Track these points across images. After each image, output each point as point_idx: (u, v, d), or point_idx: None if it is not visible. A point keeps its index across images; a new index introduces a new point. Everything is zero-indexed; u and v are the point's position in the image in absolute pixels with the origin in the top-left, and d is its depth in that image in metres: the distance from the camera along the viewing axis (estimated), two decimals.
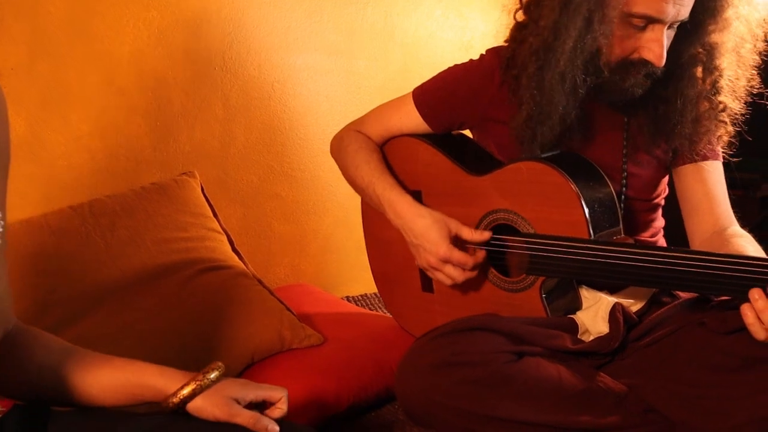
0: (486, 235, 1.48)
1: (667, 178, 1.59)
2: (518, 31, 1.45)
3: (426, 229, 1.48)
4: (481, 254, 1.49)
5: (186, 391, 1.00)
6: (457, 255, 1.46)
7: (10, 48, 1.69)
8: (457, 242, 1.48)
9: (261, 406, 1.04)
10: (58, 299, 1.59)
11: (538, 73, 1.38)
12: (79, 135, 1.81)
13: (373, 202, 1.61)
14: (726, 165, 1.53)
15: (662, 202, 1.60)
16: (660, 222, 1.60)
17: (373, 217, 1.71)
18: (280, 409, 1.04)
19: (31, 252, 1.64)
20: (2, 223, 0.92)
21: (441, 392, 1.27)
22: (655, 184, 1.56)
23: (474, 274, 1.49)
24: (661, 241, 1.61)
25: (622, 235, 1.41)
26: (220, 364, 1.05)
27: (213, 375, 1.03)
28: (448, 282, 1.50)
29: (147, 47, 1.89)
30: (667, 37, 1.33)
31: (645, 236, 1.55)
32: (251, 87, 2.07)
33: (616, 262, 1.30)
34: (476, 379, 1.26)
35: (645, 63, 1.35)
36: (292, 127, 2.17)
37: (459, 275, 1.48)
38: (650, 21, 1.31)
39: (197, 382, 1.01)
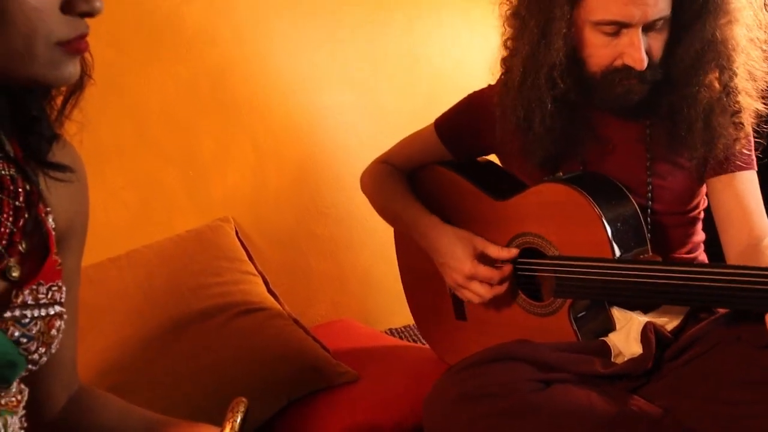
0: (513, 252, 1.47)
1: (704, 189, 1.53)
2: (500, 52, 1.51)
3: (451, 247, 1.50)
4: (507, 268, 1.48)
5: None
6: (483, 270, 1.46)
7: None
8: (484, 260, 1.48)
9: None
10: (100, 350, 1.64)
11: (505, 85, 1.44)
12: (114, 189, 1.88)
13: (403, 229, 1.64)
14: (762, 170, 1.48)
15: (700, 215, 1.54)
16: (699, 236, 1.55)
17: (406, 248, 1.72)
18: None
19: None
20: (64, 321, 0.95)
21: (467, 426, 1.25)
22: (688, 196, 1.50)
23: (502, 289, 1.48)
24: (702, 257, 1.55)
25: (650, 253, 1.38)
26: (243, 399, 1.05)
27: (239, 416, 1.03)
28: (476, 300, 1.49)
29: (176, 99, 1.95)
30: (653, 38, 1.31)
31: (681, 252, 1.50)
32: (280, 129, 2.11)
33: (640, 280, 1.28)
34: (502, 411, 1.24)
35: (629, 69, 1.32)
36: (324, 165, 2.20)
37: (486, 291, 1.47)
38: (620, 26, 1.30)
39: (230, 423, 1.01)
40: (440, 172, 1.64)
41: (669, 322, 1.41)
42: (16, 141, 0.87)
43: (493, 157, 1.68)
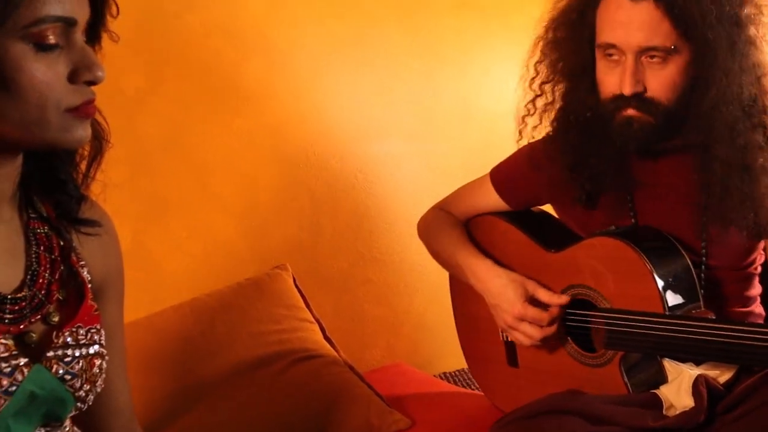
0: (563, 298, 1.49)
1: (761, 245, 1.50)
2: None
3: (503, 288, 1.52)
4: (555, 310, 1.49)
5: None
6: (532, 311, 1.48)
7: (115, 167, 1.84)
8: (535, 303, 1.50)
9: None
10: (163, 396, 1.71)
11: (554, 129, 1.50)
12: (178, 241, 1.96)
13: (457, 273, 1.66)
14: None
15: (757, 270, 1.51)
16: (755, 290, 1.52)
17: (460, 293, 1.75)
18: None
19: (139, 353, 1.76)
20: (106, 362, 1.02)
21: None
22: (744, 252, 1.47)
23: (551, 330, 1.50)
24: (758, 309, 1.53)
25: (702, 309, 1.38)
26: None
27: None
28: (527, 341, 1.51)
29: (236, 153, 2.04)
30: (650, 70, 1.32)
31: (736, 307, 1.48)
32: (335, 179, 2.18)
33: (691, 336, 1.28)
34: None
35: (625, 96, 1.34)
36: (378, 213, 2.25)
37: (536, 332, 1.49)
38: (615, 49, 1.33)
39: None
40: (494, 222, 1.67)
41: (721, 375, 1.40)
42: (47, 202, 0.97)
43: (548, 207, 1.71)
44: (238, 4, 2.02)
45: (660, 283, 1.35)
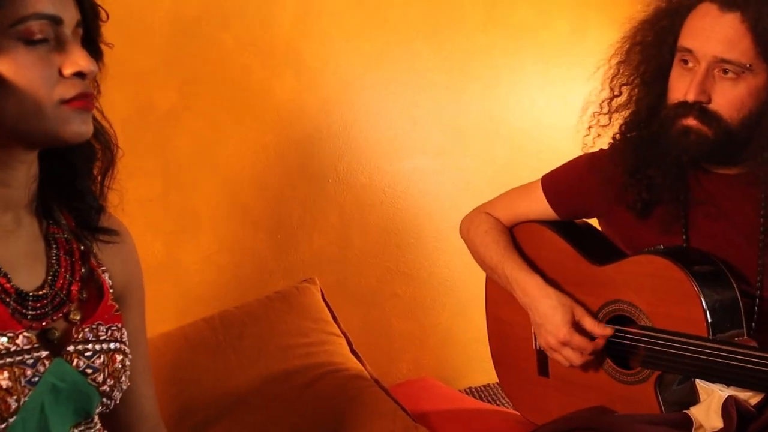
0: (608, 331, 1.48)
1: None
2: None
3: (551, 311, 1.52)
4: (601, 342, 1.50)
5: None
6: (577, 339, 1.48)
7: (148, 182, 1.91)
8: (579, 327, 1.51)
9: None
10: (193, 407, 1.74)
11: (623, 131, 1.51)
12: (209, 253, 2.00)
13: (501, 281, 1.66)
14: None
15: None
16: None
17: (496, 297, 1.75)
18: None
19: (169, 363, 1.80)
20: (129, 359, 1.05)
21: None
22: None
23: (591, 359, 1.50)
24: None
25: (745, 337, 1.37)
26: None
27: None
28: (566, 364, 1.52)
29: (266, 168, 2.07)
30: (722, 85, 1.33)
31: None
32: (364, 194, 2.21)
33: (733, 363, 1.28)
34: None
35: (688, 104, 1.35)
36: (405, 228, 2.27)
37: (576, 359, 1.50)
38: (690, 54, 1.34)
39: None
40: (540, 230, 1.67)
41: (752, 397, 1.39)
42: (66, 212, 1.03)
43: (594, 222, 1.70)
44: (270, 23, 2.06)
45: (706, 307, 1.34)
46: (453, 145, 2.35)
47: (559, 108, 2.50)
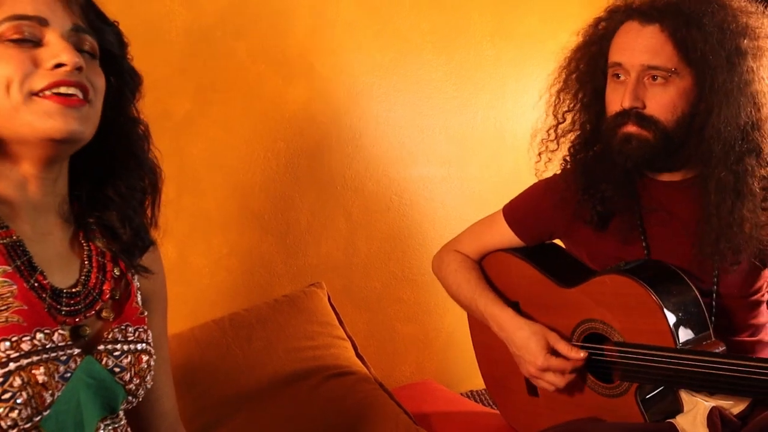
0: (582, 354, 1.54)
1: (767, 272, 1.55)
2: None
3: (525, 341, 1.58)
4: (578, 362, 1.54)
5: None
6: (555, 362, 1.54)
7: (163, 186, 1.97)
8: (555, 352, 1.56)
9: None
10: (203, 406, 1.80)
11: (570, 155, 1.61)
12: (219, 257, 2.06)
13: (477, 316, 1.73)
14: None
15: (764, 298, 1.57)
16: (763, 318, 1.58)
17: (479, 326, 1.81)
18: None
19: (181, 363, 1.86)
20: (153, 360, 1.12)
21: None
22: (752, 280, 1.53)
23: (574, 376, 1.55)
24: (766, 338, 1.58)
25: (713, 340, 1.43)
26: None
27: None
28: (551, 388, 1.57)
29: (276, 174, 2.13)
30: (652, 90, 1.42)
31: (744, 336, 1.54)
32: (371, 201, 2.26)
33: (700, 370, 1.34)
34: None
35: (625, 111, 1.44)
36: (411, 235, 2.33)
37: (559, 381, 1.55)
38: (621, 68, 1.44)
39: None
40: (507, 259, 1.73)
41: (734, 406, 1.45)
42: (110, 238, 1.09)
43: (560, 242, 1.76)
44: (283, 33, 2.12)
45: (670, 318, 1.41)
46: (459, 153, 2.41)
47: None
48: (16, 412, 0.88)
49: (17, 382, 0.88)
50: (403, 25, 2.29)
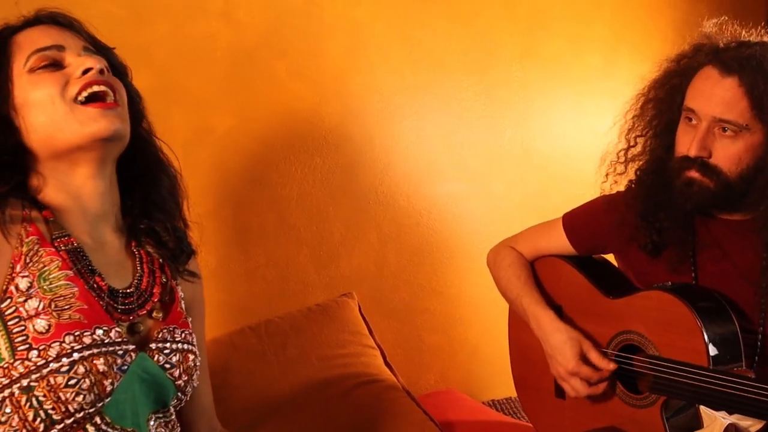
0: (611, 366, 1.60)
1: None
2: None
3: (561, 344, 1.65)
4: (605, 373, 1.61)
5: None
6: (584, 370, 1.61)
7: (202, 198, 2.07)
8: (587, 360, 1.63)
9: None
10: (240, 409, 1.88)
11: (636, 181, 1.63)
12: (256, 266, 2.15)
13: (519, 312, 1.80)
14: None
15: None
16: None
17: (519, 324, 1.87)
18: None
19: (220, 367, 1.95)
20: (198, 360, 1.22)
21: None
22: None
23: (598, 390, 1.62)
24: None
25: (744, 368, 1.49)
26: None
27: None
28: (573, 393, 1.64)
29: (312, 188, 2.22)
30: (721, 141, 1.44)
31: None
32: (401, 216, 2.35)
33: (728, 391, 1.39)
34: None
35: (691, 158, 1.46)
36: (439, 249, 2.42)
37: (583, 389, 1.62)
38: (693, 114, 1.46)
39: None
40: (559, 264, 1.80)
41: (753, 425, 1.49)
42: (157, 247, 1.22)
43: (611, 257, 1.82)
44: (320, 53, 2.22)
45: (707, 339, 1.46)
46: (487, 171, 2.49)
47: (589, 139, 2.61)
48: (81, 396, 0.99)
49: (81, 369, 1.00)
50: (435, 49, 2.38)
